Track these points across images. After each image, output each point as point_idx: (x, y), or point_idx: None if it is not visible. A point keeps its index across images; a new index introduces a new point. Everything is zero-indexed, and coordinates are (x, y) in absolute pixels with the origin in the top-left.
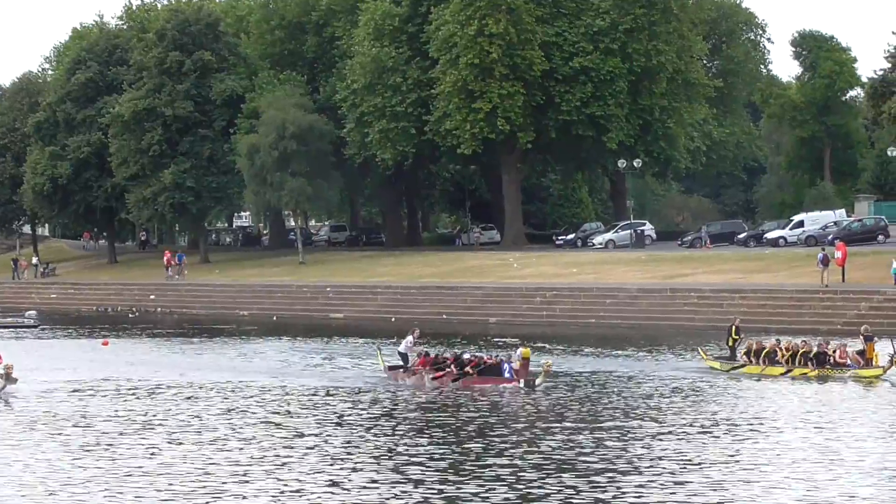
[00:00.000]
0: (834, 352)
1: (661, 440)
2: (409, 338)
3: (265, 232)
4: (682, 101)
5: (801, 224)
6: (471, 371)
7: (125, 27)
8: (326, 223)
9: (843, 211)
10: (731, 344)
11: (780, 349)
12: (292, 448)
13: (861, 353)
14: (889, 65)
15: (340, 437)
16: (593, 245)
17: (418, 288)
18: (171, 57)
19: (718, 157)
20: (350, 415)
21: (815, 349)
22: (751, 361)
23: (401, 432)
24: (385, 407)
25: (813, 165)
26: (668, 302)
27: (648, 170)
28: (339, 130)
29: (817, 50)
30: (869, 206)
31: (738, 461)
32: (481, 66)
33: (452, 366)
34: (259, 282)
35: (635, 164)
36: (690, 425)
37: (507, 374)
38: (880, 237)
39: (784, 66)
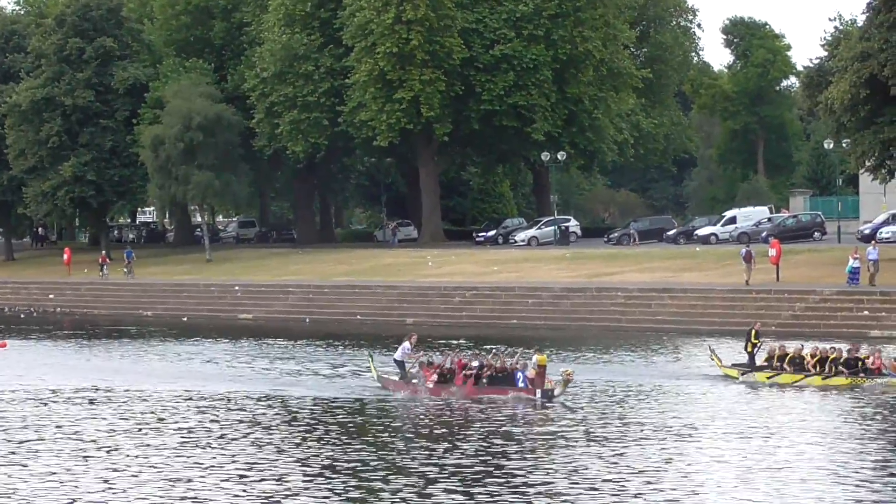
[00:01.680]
0: (867, 357)
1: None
2: (406, 344)
3: (170, 228)
4: (609, 90)
5: (733, 220)
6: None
7: (22, 12)
8: (234, 219)
9: (766, 209)
10: (750, 350)
11: (806, 355)
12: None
13: None
14: (825, 53)
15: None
16: (515, 242)
17: (331, 287)
18: (71, 44)
19: (647, 150)
20: (348, 429)
21: (845, 355)
22: (775, 369)
23: (400, 447)
24: (381, 421)
25: (746, 158)
26: (594, 302)
27: (574, 163)
28: (248, 121)
29: (750, 37)
30: (804, 202)
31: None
32: (399, 54)
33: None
34: (164, 280)
35: (560, 156)
36: None
37: (521, 384)
38: (816, 234)
39: (715, 54)
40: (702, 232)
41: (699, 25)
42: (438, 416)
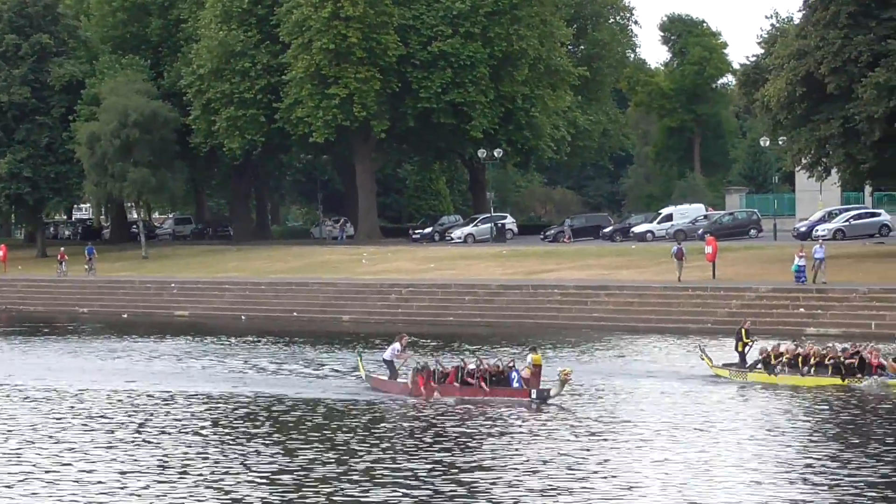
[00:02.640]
0: (863, 358)
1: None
2: (396, 345)
3: (106, 225)
4: (546, 88)
5: (669, 218)
6: (485, 386)
7: None
8: (171, 215)
9: (702, 206)
10: (741, 349)
11: (802, 355)
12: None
13: None
14: (762, 51)
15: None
16: (451, 239)
17: (268, 284)
18: (7, 40)
19: (583, 147)
20: (341, 431)
21: (842, 355)
22: (769, 369)
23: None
24: (371, 422)
25: (682, 156)
26: (531, 299)
27: (510, 160)
28: (185, 118)
29: (686, 35)
30: (741, 199)
31: None
32: (336, 50)
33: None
34: (100, 277)
35: (496, 153)
36: None
37: (515, 384)
38: (752, 231)
39: (652, 51)
40: (638, 229)
41: (636, 23)
42: (429, 416)
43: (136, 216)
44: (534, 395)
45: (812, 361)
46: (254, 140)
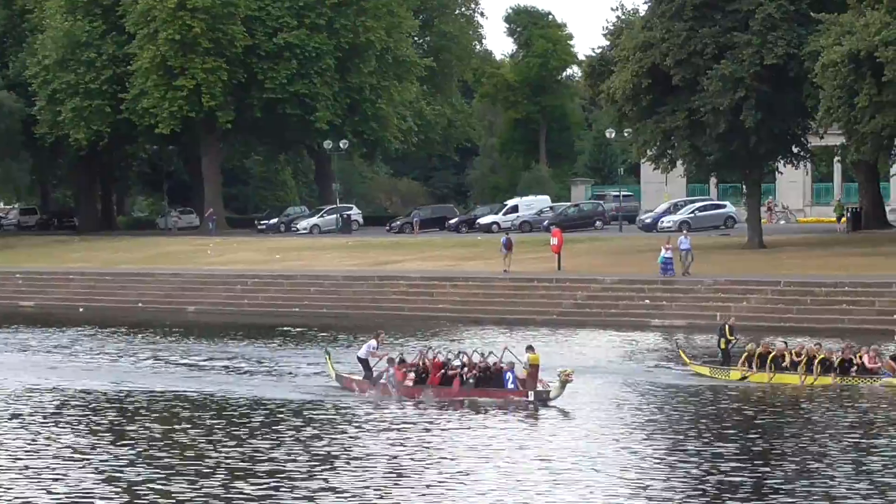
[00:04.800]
0: (861, 357)
1: None
2: (372, 342)
3: None
4: (393, 79)
5: (515, 209)
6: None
7: None
8: (15, 206)
9: (547, 198)
10: (724, 346)
11: (791, 353)
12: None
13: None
14: (608, 42)
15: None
16: (297, 230)
17: (113, 275)
18: None
19: (429, 139)
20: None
21: (836, 355)
22: (752, 367)
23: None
24: (336, 427)
25: (528, 148)
26: (376, 290)
27: (356, 151)
28: (30, 108)
29: (532, 27)
30: (586, 191)
31: None
32: (182, 41)
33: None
34: None
35: (342, 144)
36: None
37: (510, 385)
38: (598, 223)
39: (498, 43)
40: (484, 220)
41: (482, 14)
42: (409, 418)
43: None
44: (531, 397)
45: (799, 360)
46: (100, 131)
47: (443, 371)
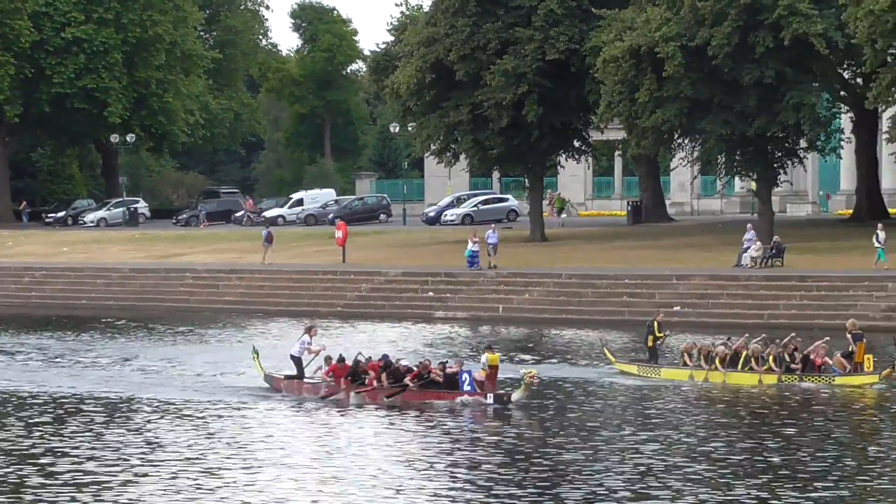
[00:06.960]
0: (807, 354)
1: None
2: (305, 337)
3: None
4: (179, 73)
5: (300, 202)
6: (411, 384)
7: None
8: None
9: (332, 191)
10: (651, 344)
11: (728, 350)
12: None
13: (848, 355)
14: (392, 38)
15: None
16: (84, 223)
17: None
18: None
19: (215, 133)
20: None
21: (772, 351)
22: (686, 364)
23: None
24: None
25: (313, 142)
26: (163, 282)
27: (143, 145)
28: None
29: (317, 22)
30: (371, 184)
31: None
32: None
33: (383, 377)
34: None
35: (129, 138)
36: None
37: (466, 387)
38: (382, 216)
39: (284, 38)
40: (269, 213)
41: (268, 8)
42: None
43: None
44: (490, 399)
45: (738, 357)
46: None
47: (384, 373)
